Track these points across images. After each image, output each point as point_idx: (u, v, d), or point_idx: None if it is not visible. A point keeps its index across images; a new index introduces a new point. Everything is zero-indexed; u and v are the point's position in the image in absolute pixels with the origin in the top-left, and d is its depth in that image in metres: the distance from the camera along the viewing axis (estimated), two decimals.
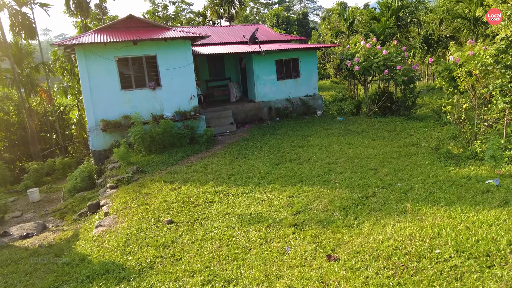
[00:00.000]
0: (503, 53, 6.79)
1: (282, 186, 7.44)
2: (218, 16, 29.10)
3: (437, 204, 5.44)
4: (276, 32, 20.00)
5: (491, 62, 6.82)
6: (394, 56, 13.98)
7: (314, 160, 9.34)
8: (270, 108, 15.91)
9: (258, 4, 72.36)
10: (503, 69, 6.81)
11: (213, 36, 17.96)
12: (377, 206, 5.74)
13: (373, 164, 8.52)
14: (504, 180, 6.27)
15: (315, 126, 14.01)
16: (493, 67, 6.90)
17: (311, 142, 11.47)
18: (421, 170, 7.60)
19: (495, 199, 5.26)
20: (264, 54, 14.78)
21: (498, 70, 6.86)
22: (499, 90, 7.17)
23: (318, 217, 5.65)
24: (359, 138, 11.49)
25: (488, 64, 6.90)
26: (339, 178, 7.65)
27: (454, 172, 7.16)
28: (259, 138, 12.70)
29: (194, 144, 12.28)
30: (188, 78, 13.30)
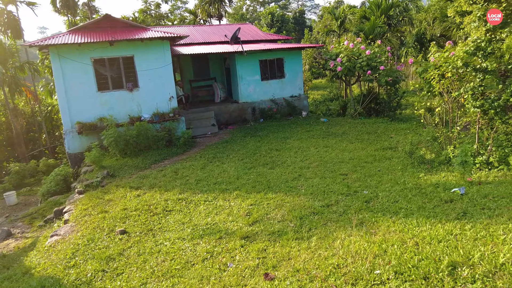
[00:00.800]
0: (472, 56, 6.53)
1: (248, 193, 7.20)
2: (208, 15, 28.83)
3: (396, 215, 5.20)
4: (263, 32, 19.71)
5: (460, 65, 6.56)
6: (378, 56, 13.71)
7: (287, 164, 9.10)
8: (254, 109, 15.65)
9: (255, 2, 71.91)
10: (473, 72, 6.55)
11: (197, 36, 17.70)
12: (335, 217, 5.50)
13: (345, 169, 8.28)
14: (471, 188, 6.03)
15: (298, 128, 13.76)
16: (463, 70, 6.64)
17: (289, 144, 11.22)
18: (392, 176, 7.35)
19: (455, 210, 5.01)
20: (246, 54, 14.51)
21: (469, 73, 6.60)
22: (470, 94, 6.92)
23: (272, 228, 5.40)
24: (338, 140, 11.25)
25: (458, 67, 6.64)
26: (307, 184, 7.41)
27: (424, 178, 6.92)
28: (239, 140, 12.45)
29: (172, 146, 12.04)
30: (167, 79, 13.04)
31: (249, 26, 19.92)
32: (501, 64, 7.18)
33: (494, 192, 5.58)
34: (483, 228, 4.23)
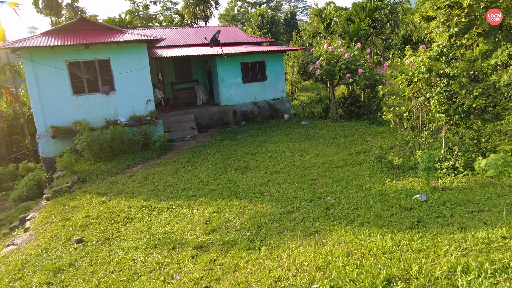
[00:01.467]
0: (435, 61, 6.50)
1: (213, 199, 7.09)
2: (194, 16, 28.68)
3: (352, 223, 5.12)
4: (246, 34, 19.62)
5: (424, 71, 6.52)
6: (358, 59, 13.69)
7: (259, 169, 9.01)
8: (235, 112, 15.55)
9: (246, 4, 71.84)
10: (437, 77, 6.51)
11: (179, 38, 17.57)
12: (292, 225, 5.41)
13: (315, 173, 8.21)
14: (433, 194, 5.98)
15: (277, 131, 13.68)
16: (429, 75, 6.60)
17: (266, 148, 11.13)
18: (359, 181, 7.29)
19: (411, 219, 4.95)
20: (226, 57, 14.41)
21: (433, 78, 6.56)
22: (437, 99, 6.89)
23: (228, 237, 5.30)
24: (314, 144, 11.19)
25: (423, 72, 6.60)
26: (274, 190, 7.32)
27: (390, 184, 6.86)
28: (217, 143, 12.34)
29: (148, 150, 11.88)
30: (144, 81, 12.88)
31: (232, 28, 19.82)
32: (474, 68, 7.18)
33: (453, 199, 5.53)
34: (431, 238, 4.17)
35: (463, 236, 4.05)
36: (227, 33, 18.84)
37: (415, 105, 7.82)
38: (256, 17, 49.35)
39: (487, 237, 3.88)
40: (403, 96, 7.82)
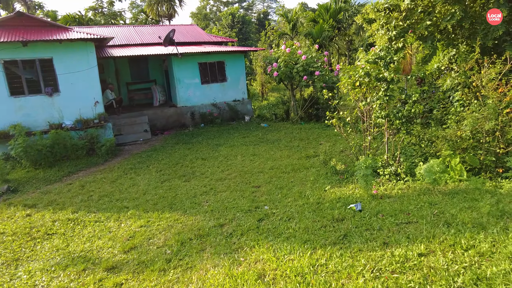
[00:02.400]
0: (373, 65, 6.33)
1: (145, 211, 6.62)
2: (157, 15, 27.82)
3: (277, 238, 4.82)
4: (207, 33, 19.13)
5: (362, 74, 6.33)
6: (315, 61, 13.52)
7: (205, 176, 8.59)
8: (193, 114, 15.05)
9: (218, 2, 71.04)
10: (375, 81, 6.34)
11: (135, 37, 16.86)
12: (218, 241, 5.04)
13: (261, 180, 7.90)
14: (370, 203, 5.78)
15: (235, 134, 13.32)
16: (368, 79, 6.42)
17: (218, 152, 10.73)
18: (301, 188, 7.03)
19: (338, 232, 4.70)
20: (181, 57, 13.89)
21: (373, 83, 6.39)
22: (378, 104, 6.72)
23: (146, 256, 4.86)
24: (268, 148, 10.90)
25: (362, 76, 6.42)
26: (214, 199, 6.94)
27: (330, 192, 6.64)
28: (169, 147, 11.83)
29: (94, 155, 11.21)
30: (91, 82, 12.16)
31: (193, 27, 19.28)
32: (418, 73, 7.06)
33: (387, 208, 5.34)
34: (351, 257, 3.91)
35: (382, 253, 3.81)
36: (187, 32, 18.31)
37: (360, 110, 7.65)
38: (227, 16, 48.76)
39: (404, 254, 3.66)
40: (349, 100, 7.63)
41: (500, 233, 3.69)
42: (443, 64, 7.30)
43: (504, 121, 5.63)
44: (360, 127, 7.78)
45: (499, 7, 5.76)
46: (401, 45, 6.51)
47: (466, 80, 6.12)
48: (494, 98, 5.51)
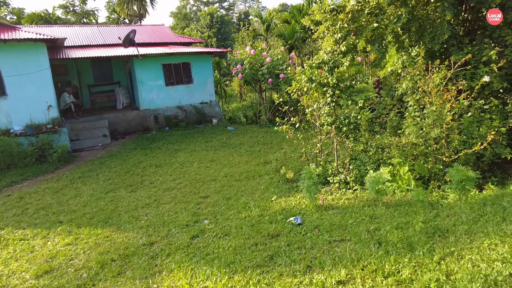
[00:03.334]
0: (317, 69, 6.03)
1: (78, 226, 6.13)
2: (127, 14, 27.03)
3: (202, 260, 4.43)
4: (174, 34, 18.60)
5: (306, 80, 6.02)
6: (281, 63, 13.21)
7: (154, 185, 8.14)
8: (156, 117, 14.51)
9: (198, 2, 70.19)
10: (320, 87, 6.04)
11: (98, 37, 16.20)
12: (141, 262, 4.63)
13: (212, 189, 7.51)
14: (312, 215, 5.46)
15: (199, 138, 12.88)
16: (314, 85, 6.11)
17: (175, 158, 10.28)
18: (248, 198, 6.68)
19: (265, 253, 4.34)
20: (141, 58, 13.35)
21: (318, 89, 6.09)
22: (326, 110, 6.42)
23: (60, 281, 4.40)
24: (229, 153, 10.52)
25: (305, 81, 6.11)
26: (154, 212, 6.50)
27: (276, 202, 6.30)
28: (125, 153, 11.30)
29: (45, 163, 10.57)
30: (44, 85, 11.52)
31: (161, 27, 18.71)
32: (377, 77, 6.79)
33: (326, 223, 5.03)
34: (268, 283, 3.56)
35: (301, 280, 3.48)
36: (154, 32, 17.75)
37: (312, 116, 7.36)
38: (205, 16, 48.18)
39: (322, 282, 3.33)
40: (300, 106, 7.33)
41: (425, 255, 3.40)
42: (396, 68, 7.08)
43: (450, 128, 5.40)
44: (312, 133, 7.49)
45: (444, 10, 5.55)
46: (344, 48, 6.23)
47: (414, 85, 5.88)
48: (437, 105, 5.29)
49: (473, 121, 5.86)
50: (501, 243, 3.28)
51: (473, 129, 5.47)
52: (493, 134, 4.96)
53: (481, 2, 6.02)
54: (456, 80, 5.69)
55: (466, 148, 5.62)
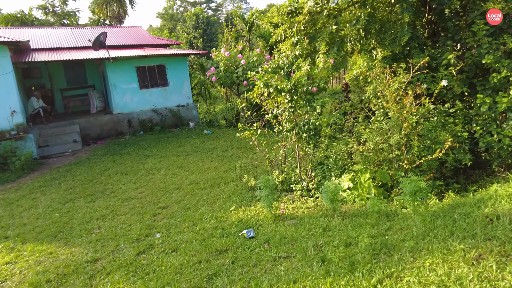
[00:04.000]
0: (273, 74, 5.80)
1: (23, 242, 5.77)
2: (105, 15, 26.49)
3: (138, 280, 4.14)
4: (151, 36, 18.23)
5: (261, 85, 5.78)
6: (256, 66, 12.96)
7: (114, 195, 7.81)
8: (130, 121, 14.14)
9: (185, 3, 69.58)
10: (276, 92, 5.80)
11: (71, 39, 15.75)
12: (77, 282, 4.32)
13: (173, 199, 7.21)
14: (268, 227, 5.21)
15: (172, 142, 12.56)
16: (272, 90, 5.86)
17: (144, 165, 9.95)
18: (208, 209, 6.41)
19: (208, 271, 4.07)
20: (112, 61, 12.97)
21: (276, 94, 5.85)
22: (286, 116, 6.19)
23: None
24: (200, 158, 10.23)
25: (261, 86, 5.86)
26: (108, 225, 6.18)
27: (234, 213, 6.04)
28: (94, 160, 10.92)
29: (7, 171, 10.14)
30: (7, 90, 11.08)
31: (137, 29, 18.31)
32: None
33: (277, 236, 4.79)
34: None
35: None
36: (130, 34, 17.35)
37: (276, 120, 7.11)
38: (191, 17, 47.73)
39: None
40: (263, 111, 7.08)
41: (364, 277, 3.17)
42: (362, 71, 6.88)
43: (408, 134, 5.20)
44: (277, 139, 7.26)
45: (403, 12, 5.36)
46: (298, 52, 6.01)
47: (374, 89, 5.68)
48: (394, 110, 5.08)
49: (437, 125, 5.67)
50: (442, 263, 3.06)
51: (432, 135, 5.28)
52: (450, 141, 4.77)
53: (442, 3, 5.85)
54: (417, 84, 5.49)
55: (430, 154, 5.43)
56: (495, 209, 3.72)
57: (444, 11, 6.11)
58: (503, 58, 5.18)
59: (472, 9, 5.61)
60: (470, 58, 5.55)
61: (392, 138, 5.22)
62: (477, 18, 5.52)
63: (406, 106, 4.99)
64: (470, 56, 5.56)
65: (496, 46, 5.29)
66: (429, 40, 6.44)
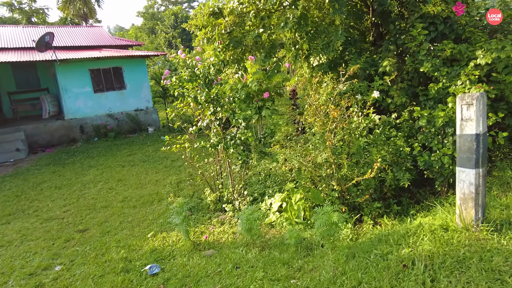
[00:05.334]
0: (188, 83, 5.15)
1: None
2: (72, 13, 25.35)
3: None
4: (111, 36, 17.35)
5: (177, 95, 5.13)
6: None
7: (36, 214, 7.03)
8: (82, 127, 13.27)
9: (167, 2, 68.25)
10: (195, 103, 5.14)
11: (22, 39, 14.76)
12: None
13: (97, 219, 6.48)
14: (178, 259, 4.54)
15: (124, 150, 11.78)
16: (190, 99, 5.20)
17: (82, 177, 9.17)
18: (128, 233, 5.72)
19: None
20: (59, 63, 12.09)
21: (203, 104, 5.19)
22: (214, 129, 5.53)
23: None
24: (145, 169, 9.50)
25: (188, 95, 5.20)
26: (9, 254, 5.43)
27: (153, 239, 5.36)
28: (34, 171, 10.07)
29: None
30: None
31: (97, 29, 17.39)
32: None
33: (180, 275, 4.12)
34: None
35: None
36: (88, 34, 16.44)
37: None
38: (169, 16, 46.67)
39: None
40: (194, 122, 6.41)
41: None
42: (300, 79, 6.27)
43: (335, 152, 4.59)
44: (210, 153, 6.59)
45: (335, 13, 4.77)
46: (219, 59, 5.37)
47: (308, 100, 5.06)
48: (318, 126, 4.48)
49: (376, 140, 5.08)
50: None
51: (362, 154, 4.68)
52: (380, 162, 4.18)
53: (382, 3, 5.28)
54: (348, 94, 4.90)
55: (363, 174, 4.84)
56: (415, 250, 3.14)
57: (388, 12, 5.54)
58: (442, 66, 4.63)
59: (413, 11, 5.06)
60: (411, 65, 4.99)
61: (320, 157, 4.61)
62: (417, 21, 4.96)
63: (329, 121, 4.38)
64: (411, 63, 4.99)
65: (435, 53, 4.74)
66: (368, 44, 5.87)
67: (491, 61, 4.20)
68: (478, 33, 5.00)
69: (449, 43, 4.64)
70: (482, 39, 4.73)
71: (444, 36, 5.04)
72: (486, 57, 4.20)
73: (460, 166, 3.26)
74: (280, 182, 6.20)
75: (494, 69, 4.57)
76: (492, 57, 4.17)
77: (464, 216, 3.27)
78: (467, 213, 3.25)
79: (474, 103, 3.10)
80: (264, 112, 5.87)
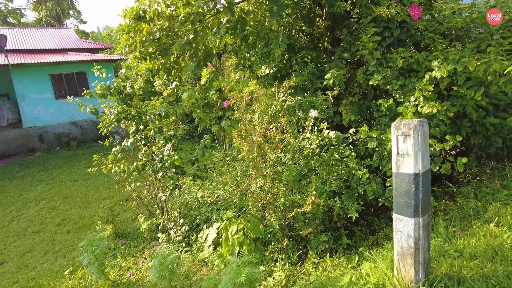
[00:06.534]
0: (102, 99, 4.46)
1: None
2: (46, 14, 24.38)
3: None
4: (81, 39, 16.48)
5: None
6: None
7: None
8: (41, 136, 12.44)
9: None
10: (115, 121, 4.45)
11: None
12: None
13: (22, 248, 5.75)
14: None
15: (82, 162, 11.02)
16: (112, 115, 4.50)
17: (27, 194, 8.41)
18: (44, 269, 4.98)
19: None
20: (12, 68, 11.28)
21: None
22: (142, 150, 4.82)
23: None
24: (97, 185, 8.77)
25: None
26: None
27: (69, 278, 4.63)
28: None
29: None
30: None
31: (66, 31, 16.56)
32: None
33: None
34: None
35: None
36: (54, 37, 15.62)
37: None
38: None
39: None
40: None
41: None
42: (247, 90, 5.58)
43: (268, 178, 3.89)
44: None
45: (273, 16, 4.11)
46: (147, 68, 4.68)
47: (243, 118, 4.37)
48: (245, 151, 3.81)
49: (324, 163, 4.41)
50: None
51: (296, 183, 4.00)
52: (314, 195, 3.51)
53: (332, 5, 4.62)
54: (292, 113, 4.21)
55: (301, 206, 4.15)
56: None
57: (341, 14, 4.88)
58: (394, 79, 3.98)
59: (365, 14, 4.41)
60: (363, 76, 4.33)
61: (254, 185, 3.93)
62: (370, 25, 4.31)
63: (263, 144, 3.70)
64: (362, 74, 4.33)
65: (387, 63, 4.09)
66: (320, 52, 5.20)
67: (446, 75, 3.55)
68: (439, 40, 4.35)
69: (403, 52, 3.99)
70: (440, 48, 4.08)
71: (401, 43, 4.40)
72: (441, 70, 3.55)
73: (397, 213, 2.59)
74: (228, 206, 5.52)
75: (455, 82, 3.93)
76: (447, 70, 3.52)
77: (402, 275, 2.61)
78: (405, 271, 2.58)
79: (411, 133, 2.43)
80: (224, 123, 5.22)
